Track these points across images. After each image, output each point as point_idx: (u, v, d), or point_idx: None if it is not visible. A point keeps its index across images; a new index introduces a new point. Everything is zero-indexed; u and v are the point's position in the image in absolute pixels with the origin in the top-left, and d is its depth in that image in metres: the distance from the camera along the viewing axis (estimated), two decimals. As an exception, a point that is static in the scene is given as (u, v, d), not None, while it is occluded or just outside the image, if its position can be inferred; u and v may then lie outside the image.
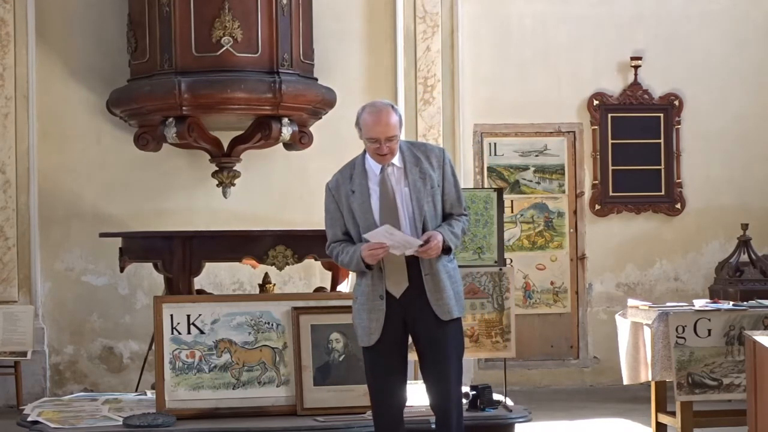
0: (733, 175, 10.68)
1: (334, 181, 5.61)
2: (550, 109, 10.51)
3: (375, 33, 10.18)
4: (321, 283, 9.58)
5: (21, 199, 9.69)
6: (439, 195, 5.53)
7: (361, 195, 5.50)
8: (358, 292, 5.56)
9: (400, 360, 5.53)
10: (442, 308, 5.46)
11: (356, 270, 5.55)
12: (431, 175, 5.51)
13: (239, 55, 9.04)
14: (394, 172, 5.52)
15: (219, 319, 6.71)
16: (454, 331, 5.52)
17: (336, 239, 5.61)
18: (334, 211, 5.60)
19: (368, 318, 5.49)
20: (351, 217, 5.53)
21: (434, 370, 5.50)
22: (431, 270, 5.46)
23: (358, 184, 5.52)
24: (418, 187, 5.49)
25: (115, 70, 9.65)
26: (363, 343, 5.54)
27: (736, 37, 10.73)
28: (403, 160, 5.54)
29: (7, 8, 9.64)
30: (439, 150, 5.64)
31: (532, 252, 10.52)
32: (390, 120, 5.46)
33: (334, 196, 5.58)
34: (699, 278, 10.59)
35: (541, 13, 10.52)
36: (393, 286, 5.47)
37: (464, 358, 5.72)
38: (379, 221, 5.46)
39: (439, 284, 5.46)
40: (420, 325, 5.48)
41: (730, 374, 7.28)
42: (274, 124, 9.20)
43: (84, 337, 9.86)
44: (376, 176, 5.51)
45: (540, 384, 10.43)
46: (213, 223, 9.40)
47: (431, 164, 5.54)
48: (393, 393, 5.52)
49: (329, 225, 5.63)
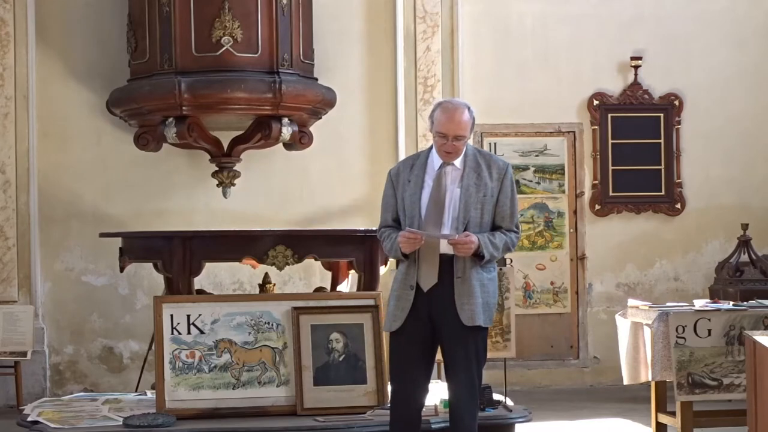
0: (733, 175, 10.68)
1: (396, 168, 5.77)
2: (550, 109, 10.51)
3: (375, 33, 10.18)
4: (321, 283, 9.57)
5: (21, 199, 9.69)
6: (490, 205, 5.60)
7: (415, 186, 5.62)
8: (395, 279, 5.67)
9: (423, 357, 5.59)
10: (466, 313, 5.50)
11: (395, 257, 5.67)
12: (488, 184, 5.60)
13: (239, 55, 9.04)
14: (452, 171, 5.61)
15: (219, 319, 6.71)
16: (476, 338, 5.56)
17: (386, 224, 5.74)
18: (389, 197, 5.73)
19: (395, 305, 5.58)
20: (402, 206, 5.65)
21: (452, 373, 5.57)
22: (463, 273, 5.53)
23: (416, 175, 5.63)
24: (470, 192, 5.57)
25: (115, 70, 9.65)
26: (386, 327, 5.66)
27: (736, 37, 10.72)
28: (464, 163, 5.63)
29: (7, 8, 9.64)
30: (503, 163, 5.71)
31: (532, 252, 10.53)
32: (462, 119, 5.56)
33: (393, 182, 5.72)
34: (699, 278, 10.59)
35: (541, 13, 10.52)
36: (423, 279, 5.55)
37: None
38: (424, 215, 5.56)
39: (469, 290, 5.52)
40: (443, 326, 5.55)
41: (730, 374, 7.27)
42: (274, 124, 9.20)
43: (84, 337, 9.86)
44: (434, 171, 5.62)
45: (540, 384, 10.43)
46: (213, 223, 9.40)
47: (491, 174, 5.62)
48: (411, 388, 5.56)
49: (383, 209, 5.77)
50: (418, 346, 5.56)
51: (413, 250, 5.52)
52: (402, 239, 5.50)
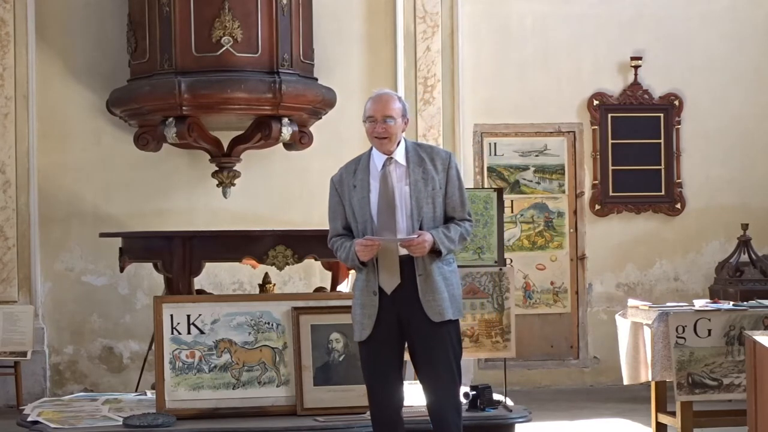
0: (733, 175, 10.69)
1: (339, 175, 5.65)
2: (550, 109, 10.51)
3: (375, 33, 10.19)
4: (321, 283, 9.58)
5: (21, 199, 9.69)
6: (440, 197, 5.52)
7: (362, 190, 5.52)
8: (356, 287, 5.59)
9: (395, 358, 5.54)
10: (433, 309, 5.44)
11: (352, 266, 5.58)
12: (434, 176, 5.51)
13: (239, 55, 9.04)
14: (396, 169, 5.53)
15: (219, 319, 6.71)
16: (448, 333, 5.49)
17: (336, 233, 5.64)
18: (336, 205, 5.63)
19: (361, 313, 5.52)
20: (352, 212, 5.55)
21: (426, 372, 5.50)
22: (425, 270, 5.46)
23: (360, 179, 5.53)
24: (419, 187, 5.49)
25: (115, 70, 9.66)
26: (356, 337, 5.58)
27: (736, 37, 10.73)
28: (407, 159, 5.54)
29: (7, 8, 9.64)
30: (445, 153, 5.63)
31: (532, 252, 10.53)
32: (389, 101, 5.51)
33: (337, 190, 5.62)
34: (699, 278, 10.59)
35: (541, 13, 10.52)
36: (385, 283, 5.47)
37: (464, 358, 5.72)
38: (376, 217, 5.47)
39: (432, 285, 5.45)
40: (412, 325, 5.48)
41: (730, 374, 7.28)
42: (274, 124, 9.20)
43: (84, 337, 9.86)
44: (377, 172, 5.52)
45: (540, 384, 10.43)
46: (213, 223, 9.40)
47: (435, 166, 5.53)
48: (388, 391, 5.51)
49: (331, 218, 5.66)
50: (389, 349, 5.50)
51: (371, 257, 5.43)
52: (359, 247, 5.41)
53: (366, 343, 5.52)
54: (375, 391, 5.54)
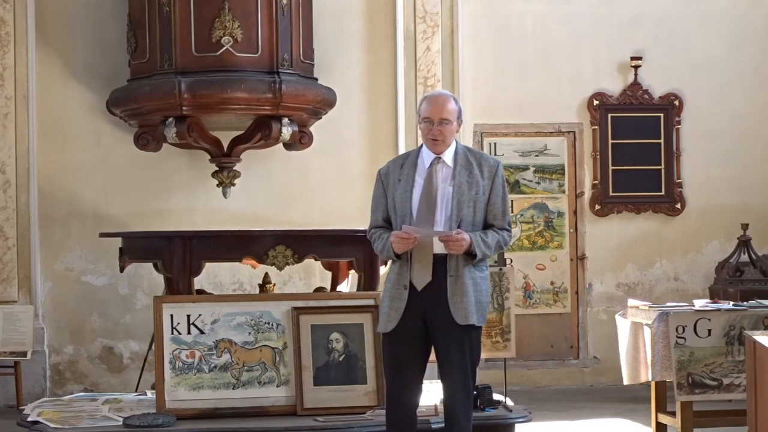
0: (733, 175, 10.68)
1: (386, 167, 5.73)
2: (550, 109, 10.51)
3: (375, 33, 10.18)
4: (321, 283, 9.58)
5: (21, 199, 9.68)
6: (482, 203, 5.58)
7: (406, 184, 5.59)
8: (387, 280, 5.64)
9: (417, 356, 5.57)
10: (459, 312, 5.49)
11: (387, 257, 5.64)
12: (479, 182, 5.58)
13: (239, 55, 9.04)
14: (443, 169, 5.59)
15: (219, 319, 6.71)
16: (469, 338, 5.54)
17: (376, 225, 5.71)
18: (379, 197, 5.70)
19: (389, 305, 5.56)
20: (393, 205, 5.62)
21: (443, 372, 5.56)
22: (456, 272, 5.51)
23: (406, 174, 5.60)
24: (462, 190, 5.55)
25: (115, 70, 9.65)
26: (380, 328, 5.62)
27: (736, 37, 10.73)
28: (455, 161, 5.60)
29: (7, 8, 9.64)
30: (494, 161, 5.70)
31: (532, 252, 10.53)
32: (446, 103, 5.58)
33: (382, 182, 5.69)
34: (699, 278, 10.59)
35: (541, 13, 10.52)
36: (416, 278, 5.52)
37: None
38: (415, 214, 5.53)
39: (462, 288, 5.50)
40: (437, 325, 5.53)
41: (730, 374, 7.27)
42: (274, 124, 9.20)
43: (84, 337, 9.86)
44: (424, 170, 5.59)
45: (540, 384, 10.43)
46: (213, 223, 9.40)
47: (482, 172, 5.60)
48: (405, 387, 5.55)
49: (372, 210, 5.74)
50: (412, 345, 5.54)
51: (406, 250, 5.48)
52: (395, 239, 5.47)
53: (390, 335, 5.57)
54: (392, 386, 5.59)
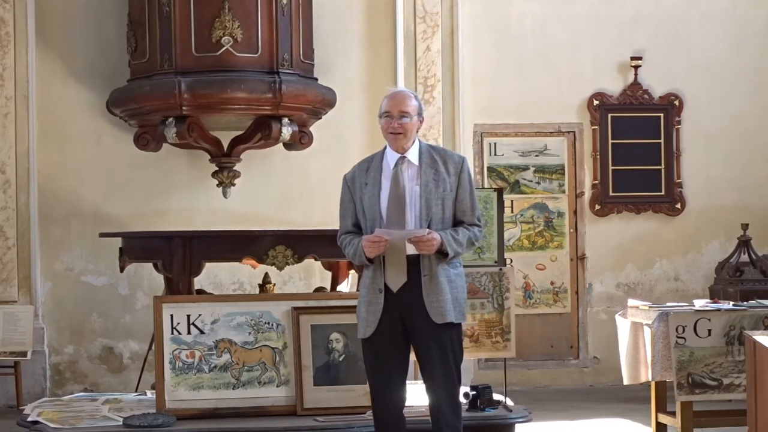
0: (733, 175, 10.69)
1: (352, 172, 5.69)
2: (550, 109, 10.51)
3: (375, 33, 10.18)
4: (321, 283, 9.58)
5: (21, 199, 9.68)
6: (450, 200, 5.55)
7: (373, 188, 5.55)
8: (362, 285, 5.61)
9: (398, 358, 5.54)
10: (436, 311, 5.45)
11: (359, 263, 5.58)
12: (446, 179, 5.54)
13: (239, 55, 9.04)
14: (408, 169, 5.56)
15: (219, 319, 6.71)
16: (450, 335, 5.50)
17: (346, 230, 5.67)
18: (347, 202, 5.66)
19: (366, 310, 5.52)
20: (362, 209, 5.58)
21: (426, 373, 5.52)
22: (430, 272, 5.47)
23: (372, 177, 5.57)
24: (429, 188, 5.51)
25: (115, 70, 9.65)
26: (360, 334, 5.58)
27: (736, 37, 10.73)
28: (420, 160, 5.57)
29: (7, 8, 9.64)
30: (458, 157, 5.67)
31: (532, 252, 10.53)
32: (405, 98, 5.57)
33: (349, 188, 5.66)
34: (699, 278, 10.59)
35: (541, 13, 10.52)
36: (391, 280, 5.48)
37: (465, 359, 5.72)
38: (385, 216, 5.49)
39: (437, 287, 5.46)
40: (416, 325, 5.49)
41: (730, 374, 7.28)
42: (274, 124, 9.20)
43: (84, 337, 9.86)
44: (390, 171, 5.56)
45: (540, 384, 10.43)
46: (213, 223, 9.40)
47: (448, 169, 5.57)
48: (390, 390, 5.52)
49: (341, 216, 5.70)
50: (392, 347, 5.51)
51: (378, 253, 5.44)
52: (366, 243, 5.43)
53: (369, 340, 5.54)
54: (377, 389, 5.55)
